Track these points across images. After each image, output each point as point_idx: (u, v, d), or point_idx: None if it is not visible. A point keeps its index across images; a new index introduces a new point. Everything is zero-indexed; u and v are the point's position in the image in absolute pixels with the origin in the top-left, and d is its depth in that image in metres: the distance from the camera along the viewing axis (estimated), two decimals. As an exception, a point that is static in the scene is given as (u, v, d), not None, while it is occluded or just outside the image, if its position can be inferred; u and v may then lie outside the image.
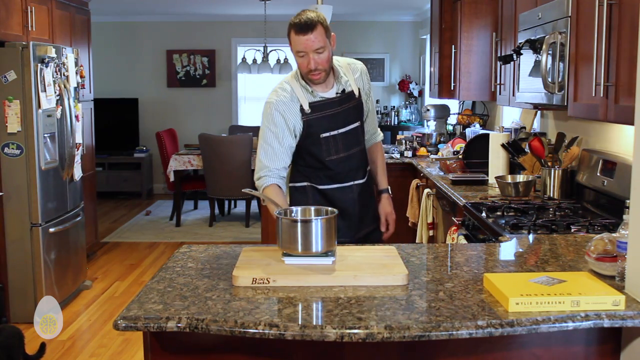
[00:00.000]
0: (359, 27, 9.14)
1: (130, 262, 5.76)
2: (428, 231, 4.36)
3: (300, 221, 2.00)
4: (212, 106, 9.19)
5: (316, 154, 2.65)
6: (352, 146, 2.69)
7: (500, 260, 2.22)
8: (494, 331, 1.56)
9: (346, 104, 2.66)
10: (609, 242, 1.88)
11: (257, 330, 1.57)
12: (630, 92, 2.14)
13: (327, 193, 2.70)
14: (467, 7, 4.88)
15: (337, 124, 2.64)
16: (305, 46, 2.47)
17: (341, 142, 2.66)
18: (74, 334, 4.09)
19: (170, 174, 7.09)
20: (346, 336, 1.54)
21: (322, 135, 2.62)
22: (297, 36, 2.48)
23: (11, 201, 4.18)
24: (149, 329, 1.62)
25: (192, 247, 2.29)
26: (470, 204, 3.18)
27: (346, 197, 2.72)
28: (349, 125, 2.67)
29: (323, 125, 2.61)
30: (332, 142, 2.64)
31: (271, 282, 1.84)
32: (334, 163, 2.66)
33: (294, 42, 2.50)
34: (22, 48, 4.07)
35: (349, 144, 2.68)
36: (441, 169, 4.46)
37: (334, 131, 2.63)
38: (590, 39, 2.43)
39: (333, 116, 2.63)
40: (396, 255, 2.06)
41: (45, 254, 4.28)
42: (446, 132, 5.99)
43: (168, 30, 9.09)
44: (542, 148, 3.34)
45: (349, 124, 2.67)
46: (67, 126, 4.54)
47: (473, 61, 4.92)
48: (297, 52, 2.51)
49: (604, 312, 1.62)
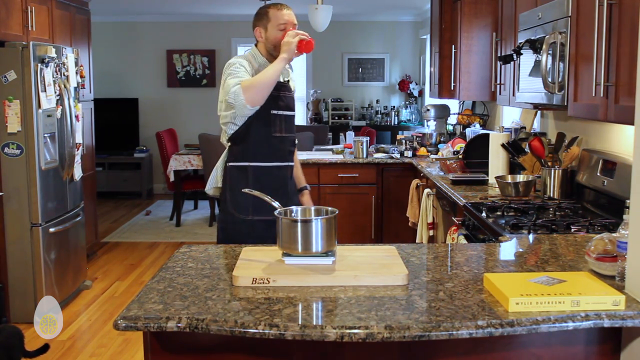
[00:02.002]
0: (359, 27, 9.14)
1: (130, 262, 5.76)
2: (428, 231, 4.36)
3: (300, 221, 2.00)
4: (212, 106, 9.10)
5: (264, 128, 2.85)
6: (291, 130, 2.96)
7: (500, 260, 2.22)
8: (494, 331, 1.56)
9: (288, 93, 2.97)
10: (609, 242, 1.88)
11: (257, 330, 1.57)
12: (630, 92, 2.14)
13: (266, 171, 2.89)
14: (467, 7, 4.88)
15: (282, 106, 2.90)
16: (289, 19, 2.82)
17: (284, 123, 2.92)
18: (74, 334, 4.09)
19: (170, 174, 7.09)
20: (346, 336, 1.54)
21: (272, 111, 2.85)
22: (280, 11, 2.83)
23: (11, 201, 4.18)
24: (149, 329, 1.62)
25: (192, 247, 2.29)
26: (470, 204, 3.18)
27: (282, 174, 2.93)
28: (289, 111, 2.95)
29: (272, 102, 2.83)
30: (278, 120, 2.88)
31: (271, 282, 1.84)
32: (277, 140, 2.89)
33: (276, 17, 2.82)
34: (22, 48, 4.07)
35: (288, 127, 2.95)
36: (441, 169, 4.46)
37: (281, 111, 2.89)
38: (590, 39, 2.43)
39: (279, 97, 2.88)
40: (396, 255, 2.06)
41: (45, 254, 4.28)
42: (446, 132, 5.99)
43: (168, 30, 9.09)
44: (542, 148, 3.34)
45: (290, 110, 2.96)
46: (67, 126, 4.54)
47: (473, 61, 4.92)
48: (279, 25, 2.81)
49: (604, 312, 1.62)
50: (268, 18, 2.83)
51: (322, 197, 5.24)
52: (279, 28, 2.80)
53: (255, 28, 2.90)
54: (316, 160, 5.29)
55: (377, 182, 5.33)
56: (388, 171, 5.34)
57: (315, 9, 5.93)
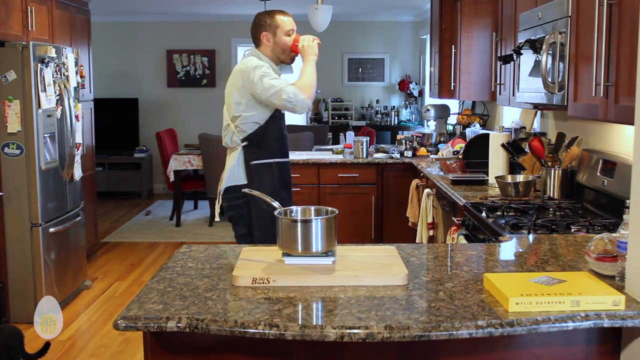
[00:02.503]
0: (359, 27, 9.14)
1: (130, 262, 5.76)
2: (428, 231, 4.36)
3: (300, 221, 2.00)
4: (212, 106, 9.18)
5: (278, 127, 3.11)
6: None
7: (500, 260, 2.22)
8: (494, 331, 1.56)
9: None
10: (609, 242, 1.88)
11: (257, 330, 1.57)
12: (630, 92, 2.14)
13: (282, 167, 3.16)
14: (467, 7, 4.88)
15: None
16: (294, 25, 3.12)
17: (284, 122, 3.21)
18: (74, 334, 4.09)
19: (170, 174, 7.09)
20: (346, 336, 1.54)
21: (282, 111, 3.14)
22: (287, 17, 3.12)
23: (11, 201, 4.18)
24: (149, 329, 1.62)
25: (192, 247, 2.29)
26: (470, 204, 3.18)
27: (290, 170, 3.25)
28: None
29: None
30: (284, 120, 3.20)
31: (271, 282, 1.84)
32: (286, 138, 3.19)
33: (284, 23, 3.09)
34: (22, 48, 4.07)
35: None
36: (441, 169, 4.46)
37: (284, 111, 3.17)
38: (590, 39, 2.43)
39: None
40: (396, 255, 2.06)
41: (45, 254, 4.28)
42: (446, 132, 5.99)
43: (168, 30, 9.09)
44: (542, 148, 3.34)
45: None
46: (67, 126, 4.54)
47: (473, 61, 4.92)
48: (287, 31, 3.10)
49: (604, 312, 1.62)
50: (276, 25, 3.08)
51: (322, 197, 5.24)
52: (287, 34, 3.10)
53: (262, 33, 3.10)
54: (316, 160, 5.29)
55: (377, 182, 5.33)
56: (388, 171, 5.34)
57: (315, 9, 5.93)
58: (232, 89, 3.03)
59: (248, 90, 2.98)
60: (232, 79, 3.06)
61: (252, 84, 2.95)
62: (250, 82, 2.96)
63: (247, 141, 3.06)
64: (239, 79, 3.00)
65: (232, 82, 3.05)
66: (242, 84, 2.98)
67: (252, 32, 3.16)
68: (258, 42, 3.13)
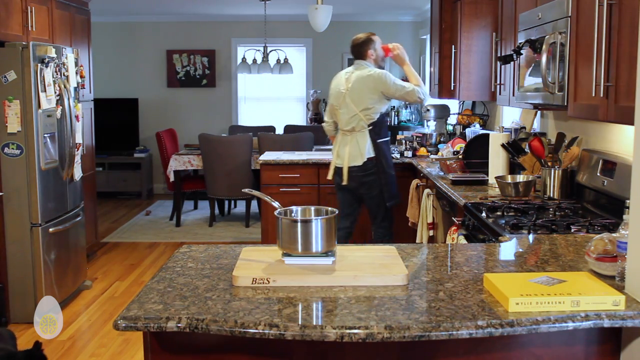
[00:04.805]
0: (359, 27, 9.08)
1: (130, 262, 5.76)
2: (428, 231, 4.36)
3: (300, 221, 2.00)
4: (212, 106, 9.19)
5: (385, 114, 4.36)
6: None
7: (500, 260, 2.22)
8: (494, 331, 1.57)
9: None
10: (609, 242, 1.88)
11: (257, 330, 1.57)
12: (630, 92, 2.14)
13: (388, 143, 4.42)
14: (467, 7, 4.88)
15: None
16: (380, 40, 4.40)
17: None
18: (74, 334, 4.09)
19: (170, 174, 7.09)
20: (346, 336, 1.54)
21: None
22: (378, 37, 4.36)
23: (11, 201, 4.18)
24: (149, 329, 1.62)
25: (192, 247, 2.29)
26: (470, 204, 3.18)
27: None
28: None
29: None
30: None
31: (271, 282, 1.84)
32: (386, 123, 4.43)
33: (378, 41, 4.34)
34: (22, 48, 4.07)
35: None
36: (441, 169, 4.46)
37: None
38: (590, 39, 2.43)
39: None
40: (396, 255, 2.06)
41: (45, 254, 4.28)
42: (446, 132, 5.99)
43: (168, 30, 9.09)
44: (542, 148, 3.34)
45: None
46: (67, 126, 4.54)
47: (473, 61, 4.92)
48: (381, 46, 4.33)
49: (604, 312, 1.62)
50: (374, 42, 4.31)
51: (322, 197, 5.24)
52: (381, 47, 4.35)
53: (368, 51, 4.29)
54: (316, 160, 5.29)
55: (377, 182, 5.31)
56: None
57: (315, 9, 5.93)
58: (364, 88, 4.18)
59: (380, 89, 4.15)
60: (360, 81, 4.19)
61: (387, 86, 4.14)
62: (383, 84, 4.14)
63: (372, 125, 4.23)
64: (370, 82, 4.16)
65: (361, 84, 4.18)
66: (374, 85, 4.15)
67: (358, 50, 4.31)
68: (364, 55, 4.29)
